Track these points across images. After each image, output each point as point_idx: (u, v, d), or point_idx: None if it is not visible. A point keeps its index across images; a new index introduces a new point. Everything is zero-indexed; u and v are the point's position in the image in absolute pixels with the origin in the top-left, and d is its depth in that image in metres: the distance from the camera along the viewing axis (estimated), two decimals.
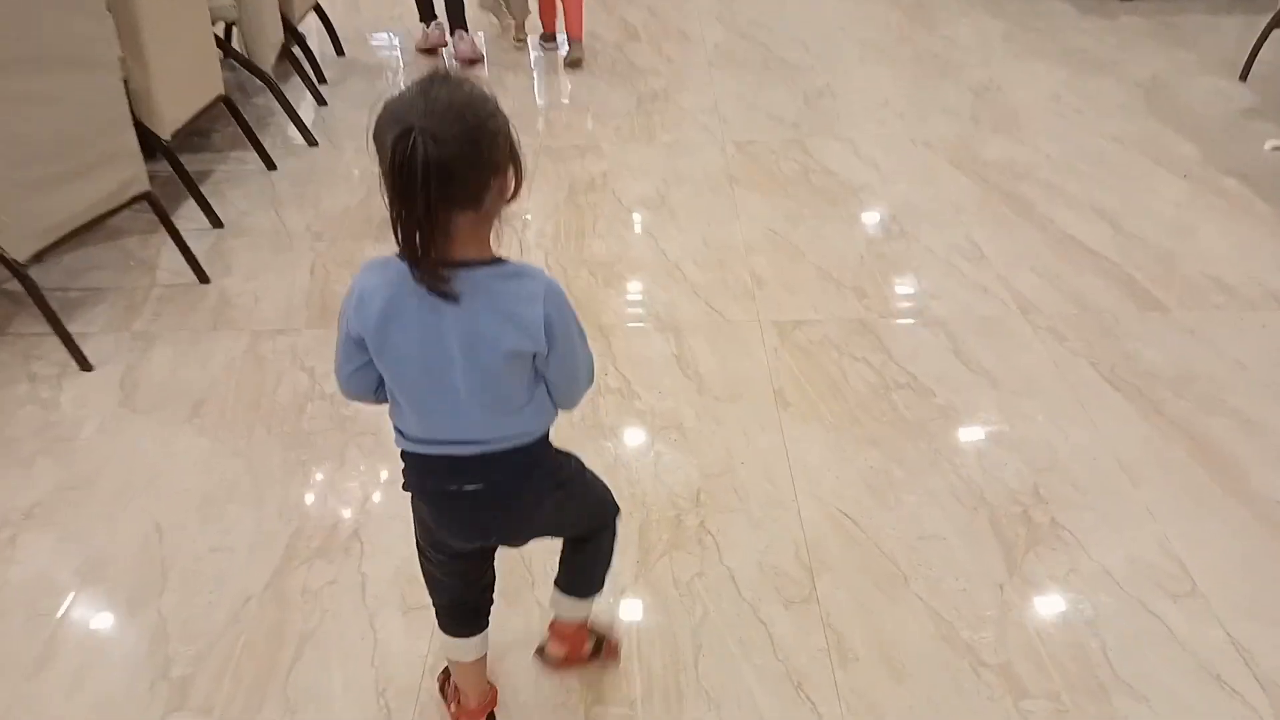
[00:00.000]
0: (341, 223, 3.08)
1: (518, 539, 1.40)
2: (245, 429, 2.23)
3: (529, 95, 4.19)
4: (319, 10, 4.48)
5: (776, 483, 2.04)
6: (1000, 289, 2.70)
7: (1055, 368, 2.39)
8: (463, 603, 1.45)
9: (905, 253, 2.87)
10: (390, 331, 1.14)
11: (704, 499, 2.00)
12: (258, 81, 3.68)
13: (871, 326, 2.54)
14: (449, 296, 1.10)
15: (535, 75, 4.42)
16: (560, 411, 1.29)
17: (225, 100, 3.33)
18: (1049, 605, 1.78)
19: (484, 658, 1.52)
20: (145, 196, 2.72)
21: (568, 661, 1.64)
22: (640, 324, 2.58)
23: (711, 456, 2.12)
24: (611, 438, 2.18)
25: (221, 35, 3.64)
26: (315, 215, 3.14)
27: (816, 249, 2.90)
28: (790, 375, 2.36)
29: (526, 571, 1.84)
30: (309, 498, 2.03)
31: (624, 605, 1.78)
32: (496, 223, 1.14)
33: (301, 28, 4.31)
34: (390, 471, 2.10)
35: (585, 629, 1.63)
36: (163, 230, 2.84)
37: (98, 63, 2.52)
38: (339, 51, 4.58)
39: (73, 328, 2.57)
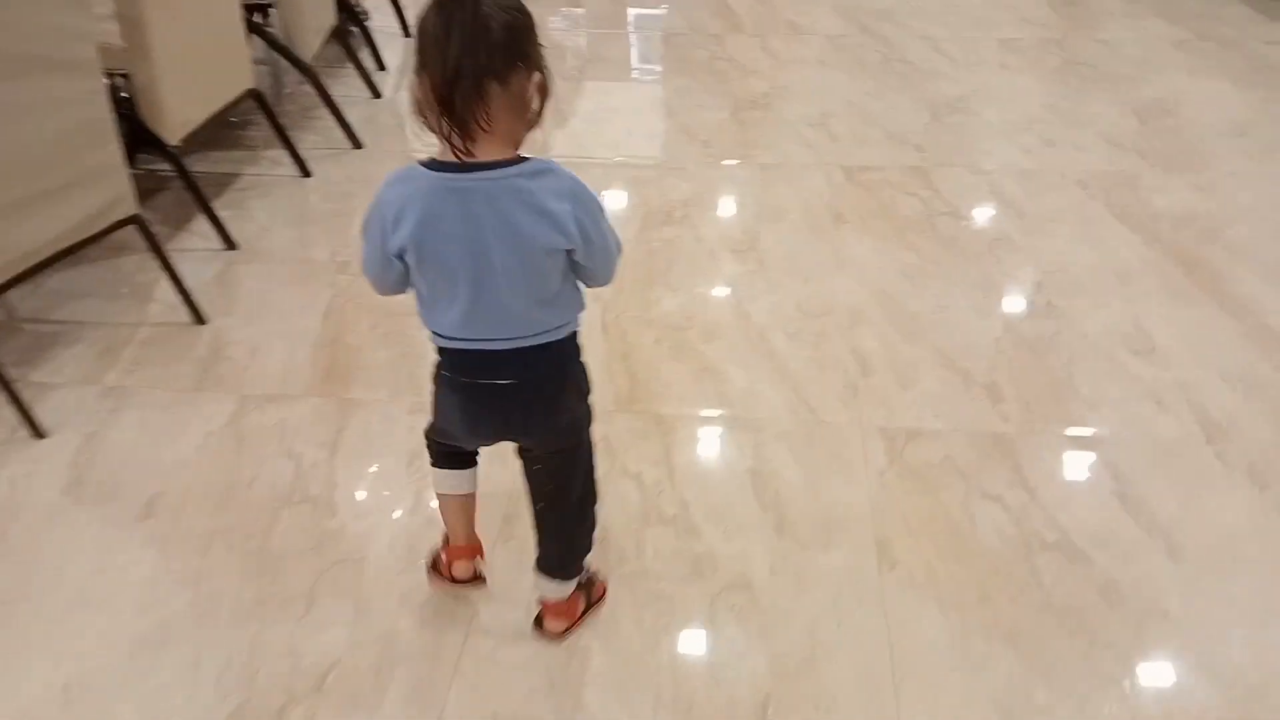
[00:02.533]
0: None
1: (535, 436, 1.42)
2: (203, 541, 1.78)
3: (613, 96, 3.65)
4: None
5: (875, 695, 1.50)
6: (1179, 402, 2.08)
7: (1254, 529, 1.78)
8: (460, 450, 1.53)
9: (1056, 339, 2.27)
10: (430, 240, 1.20)
11: (773, 713, 1.48)
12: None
13: (1009, 447, 1.96)
14: (474, 139, 1.16)
15: (619, 75, 3.88)
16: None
17: (256, 95, 2.88)
18: None
19: (473, 497, 1.57)
20: (132, 221, 2.28)
21: (569, 630, 1.58)
22: (710, 420, 2.05)
23: (788, 639, 1.59)
24: (657, 598, 1.66)
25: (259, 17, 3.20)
26: (343, 240, 2.68)
27: (940, 324, 2.32)
28: (899, 516, 1.81)
29: None
30: (259, 660, 1.57)
31: None
32: (522, 131, 1.20)
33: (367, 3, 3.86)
34: (364, 620, 1.62)
35: (576, 595, 1.57)
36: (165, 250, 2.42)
37: (75, 64, 2.07)
38: (406, 32, 4.11)
39: (37, 376, 2.17)
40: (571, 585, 1.55)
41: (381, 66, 3.76)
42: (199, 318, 2.35)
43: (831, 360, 2.22)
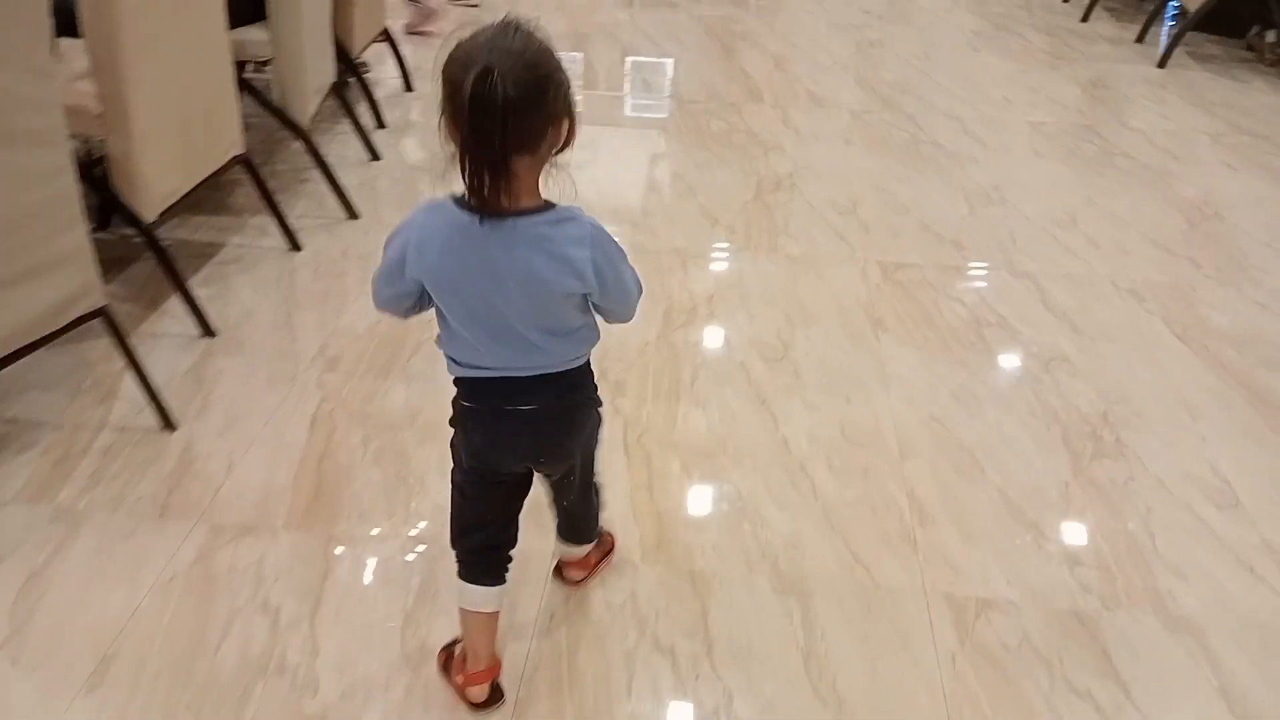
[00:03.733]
0: (365, 346, 2.35)
1: (559, 460, 1.46)
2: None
3: (625, 168, 3.42)
4: (388, 35, 3.77)
5: None
6: (1270, 568, 1.86)
7: None
8: (494, 545, 1.48)
9: (1129, 486, 2.05)
10: (448, 274, 1.22)
11: None
12: None
13: (1094, 626, 1.73)
14: (505, 215, 1.17)
15: (630, 142, 3.66)
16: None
17: (244, 160, 2.63)
18: None
19: (497, 616, 1.52)
20: (99, 314, 2.02)
21: (587, 579, 1.75)
22: (751, 578, 1.80)
23: None
24: None
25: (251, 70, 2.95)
26: (334, 329, 2.42)
27: (999, 461, 2.09)
28: (979, 716, 1.56)
29: None
30: None
31: None
32: (545, 168, 1.21)
33: (366, 56, 3.63)
34: None
35: (592, 549, 1.73)
36: (136, 335, 2.16)
37: (36, 135, 1.81)
38: (408, 86, 3.88)
39: None
40: (589, 546, 1.71)
41: (381, 124, 3.52)
42: (168, 422, 2.08)
43: (882, 502, 1.98)
